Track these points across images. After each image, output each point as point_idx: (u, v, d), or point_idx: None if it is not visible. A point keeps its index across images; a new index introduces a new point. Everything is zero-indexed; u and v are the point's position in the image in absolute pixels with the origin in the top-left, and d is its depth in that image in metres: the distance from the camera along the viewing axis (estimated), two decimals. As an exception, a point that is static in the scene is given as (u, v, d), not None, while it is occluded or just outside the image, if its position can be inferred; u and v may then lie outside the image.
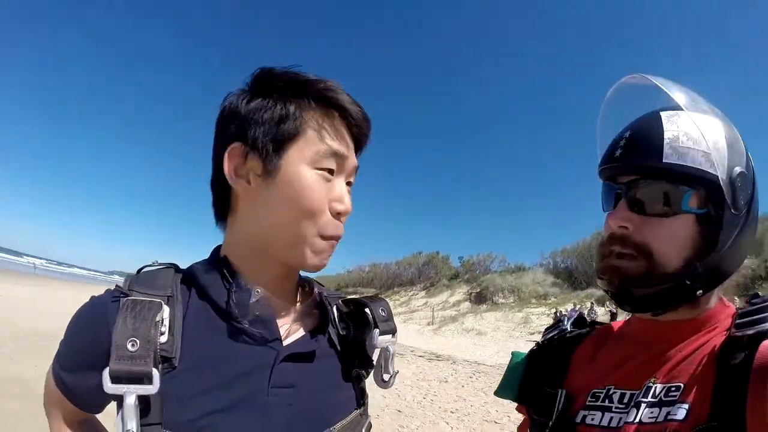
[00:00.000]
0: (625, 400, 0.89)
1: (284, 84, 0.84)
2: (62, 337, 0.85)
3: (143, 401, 0.71)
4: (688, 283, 0.85)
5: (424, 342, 25.34)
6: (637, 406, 0.85)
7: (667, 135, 0.86)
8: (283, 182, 0.82)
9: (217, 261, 0.89)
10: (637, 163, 0.89)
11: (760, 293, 0.89)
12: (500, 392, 1.14)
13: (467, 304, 39.69)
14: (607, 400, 0.91)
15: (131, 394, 0.69)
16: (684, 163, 0.85)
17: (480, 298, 39.07)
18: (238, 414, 0.77)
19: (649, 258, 0.86)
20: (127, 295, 0.78)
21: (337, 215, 0.84)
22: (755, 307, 0.85)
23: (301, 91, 0.84)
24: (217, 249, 0.93)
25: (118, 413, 0.71)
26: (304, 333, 0.91)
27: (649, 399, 0.85)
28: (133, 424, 0.68)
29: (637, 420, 0.83)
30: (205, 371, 0.77)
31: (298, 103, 0.84)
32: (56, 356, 0.86)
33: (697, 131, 0.86)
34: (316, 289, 1.00)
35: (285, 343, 0.86)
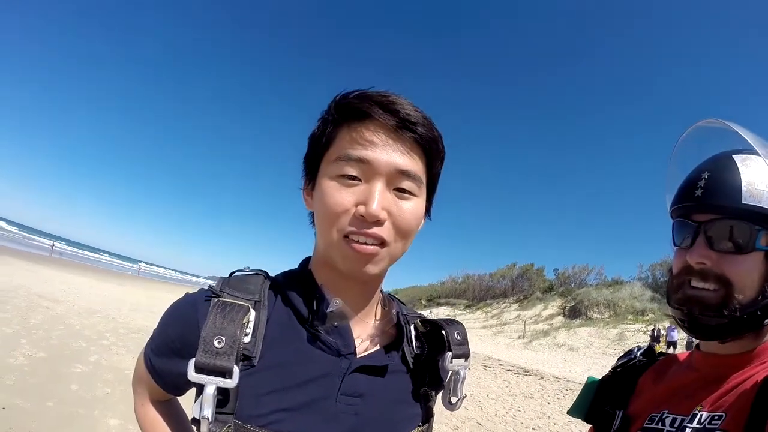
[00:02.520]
0: (676, 425, 0.93)
1: (328, 107, 0.89)
2: (156, 325, 0.93)
3: (221, 393, 0.76)
4: (759, 313, 0.90)
5: (514, 356, 24.51)
6: (683, 430, 0.90)
7: (744, 178, 0.92)
8: (317, 195, 0.87)
9: (303, 272, 0.95)
10: (719, 203, 0.93)
11: None
12: (572, 411, 1.22)
13: (560, 318, 37.75)
14: (660, 423, 0.96)
15: (211, 385, 0.75)
16: (760, 205, 0.90)
17: (574, 312, 37.06)
18: (305, 415, 0.80)
19: (729, 290, 0.90)
20: (219, 296, 0.84)
21: (362, 218, 0.80)
22: None
23: (332, 107, 0.88)
24: (306, 260, 0.99)
25: (196, 400, 0.78)
26: (378, 348, 0.93)
27: (695, 425, 0.89)
28: (209, 411, 0.74)
29: None
30: (281, 372, 0.81)
31: (330, 120, 0.88)
32: (149, 341, 0.95)
33: None
34: (395, 309, 1.01)
35: (359, 355, 0.89)
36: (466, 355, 1.00)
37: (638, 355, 1.20)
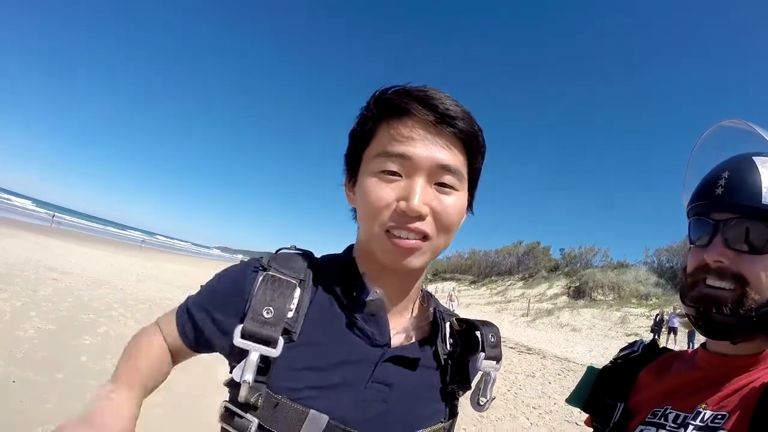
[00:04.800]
0: (679, 421, 0.93)
1: (368, 103, 0.91)
2: (207, 281, 0.97)
3: (262, 361, 0.79)
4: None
5: (517, 334, 24.64)
6: (686, 427, 0.90)
7: (765, 179, 0.92)
8: (358, 191, 0.89)
9: (346, 259, 0.97)
10: (739, 202, 0.93)
11: None
12: (571, 400, 1.21)
13: (564, 298, 37.90)
14: (663, 419, 0.97)
15: (255, 352, 0.78)
16: None
17: (578, 293, 37.20)
18: (335, 395, 0.82)
19: (745, 289, 0.90)
20: (266, 269, 0.88)
21: (403, 213, 0.82)
22: None
23: (372, 103, 0.89)
24: (350, 247, 1.00)
25: (232, 367, 0.84)
26: (413, 341, 0.95)
27: (698, 423, 0.89)
28: (250, 376, 0.77)
29: None
30: (317, 351, 0.84)
31: (369, 116, 0.89)
32: (195, 294, 0.97)
33: None
34: (432, 307, 1.03)
35: (393, 346, 0.90)
36: (498, 358, 1.01)
37: (641, 348, 1.21)
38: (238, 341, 0.79)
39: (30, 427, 3.82)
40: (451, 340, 1.01)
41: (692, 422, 0.90)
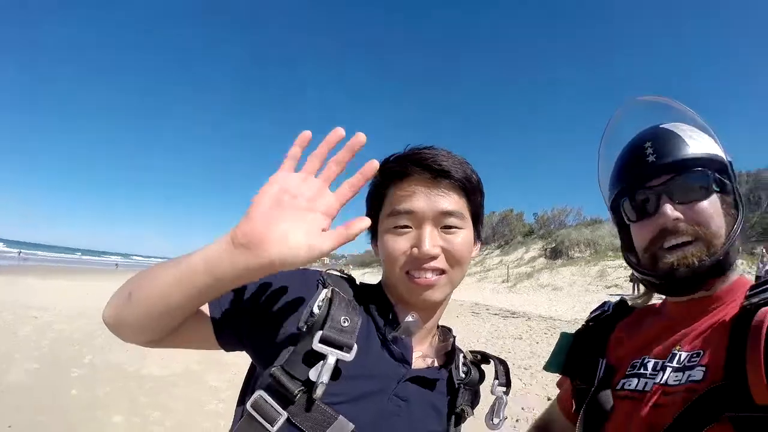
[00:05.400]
0: (657, 368, 0.98)
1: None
2: (261, 280, 0.94)
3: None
4: (729, 254, 0.96)
5: (500, 300, 24.69)
6: (664, 369, 0.95)
7: (683, 135, 1.00)
8: (380, 245, 1.06)
9: (380, 289, 1.11)
10: (675, 159, 0.98)
11: None
12: (548, 367, 1.24)
13: (542, 260, 38.21)
14: (642, 368, 1.01)
15: (333, 356, 0.85)
16: (705, 150, 0.98)
17: (555, 254, 37.65)
18: (361, 403, 0.92)
19: (706, 234, 0.96)
20: (326, 285, 0.98)
21: (418, 258, 0.97)
22: (764, 279, 0.93)
23: (381, 170, 1.02)
24: (381, 282, 1.13)
25: (259, 361, 0.95)
26: (433, 365, 1.08)
27: (674, 364, 0.94)
28: (326, 378, 0.83)
29: (663, 382, 0.94)
30: (355, 363, 0.89)
31: (378, 183, 1.06)
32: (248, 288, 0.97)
33: (700, 127, 1.02)
34: (451, 339, 1.14)
35: (414, 367, 1.02)
36: (507, 385, 1.15)
37: (611, 308, 1.26)
38: (317, 345, 0.85)
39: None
40: (464, 369, 1.14)
41: (669, 365, 0.95)
